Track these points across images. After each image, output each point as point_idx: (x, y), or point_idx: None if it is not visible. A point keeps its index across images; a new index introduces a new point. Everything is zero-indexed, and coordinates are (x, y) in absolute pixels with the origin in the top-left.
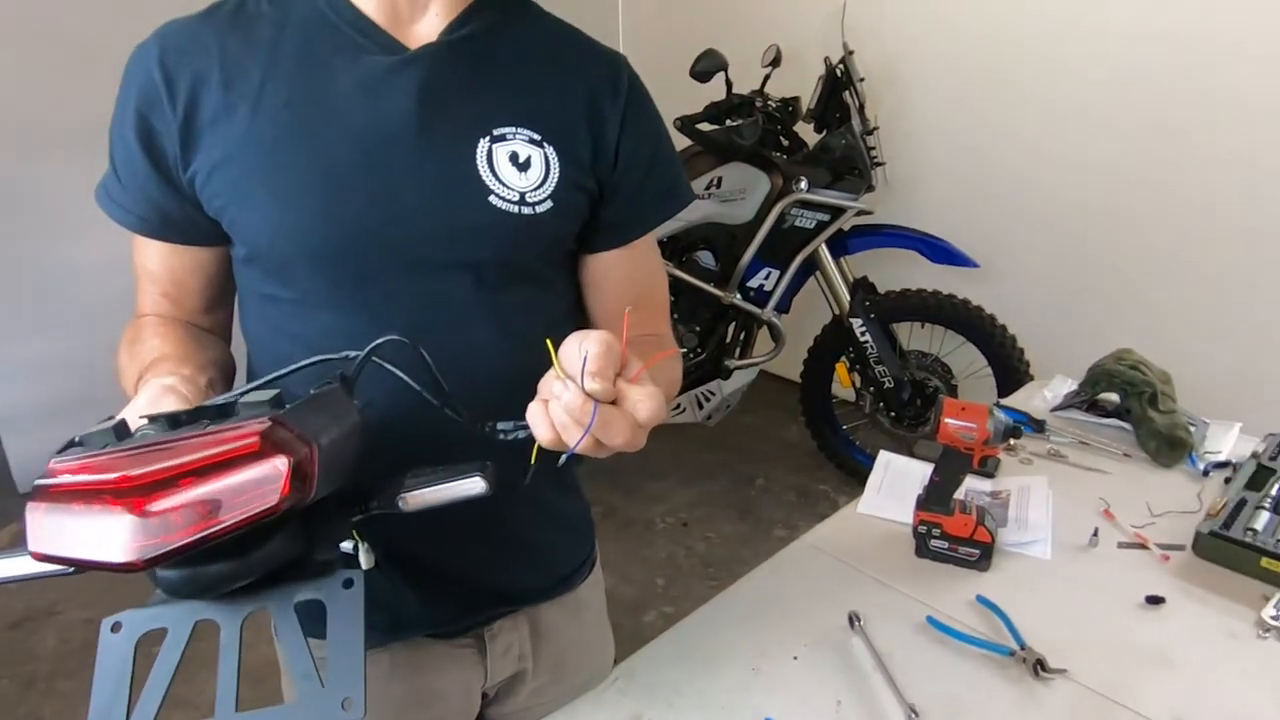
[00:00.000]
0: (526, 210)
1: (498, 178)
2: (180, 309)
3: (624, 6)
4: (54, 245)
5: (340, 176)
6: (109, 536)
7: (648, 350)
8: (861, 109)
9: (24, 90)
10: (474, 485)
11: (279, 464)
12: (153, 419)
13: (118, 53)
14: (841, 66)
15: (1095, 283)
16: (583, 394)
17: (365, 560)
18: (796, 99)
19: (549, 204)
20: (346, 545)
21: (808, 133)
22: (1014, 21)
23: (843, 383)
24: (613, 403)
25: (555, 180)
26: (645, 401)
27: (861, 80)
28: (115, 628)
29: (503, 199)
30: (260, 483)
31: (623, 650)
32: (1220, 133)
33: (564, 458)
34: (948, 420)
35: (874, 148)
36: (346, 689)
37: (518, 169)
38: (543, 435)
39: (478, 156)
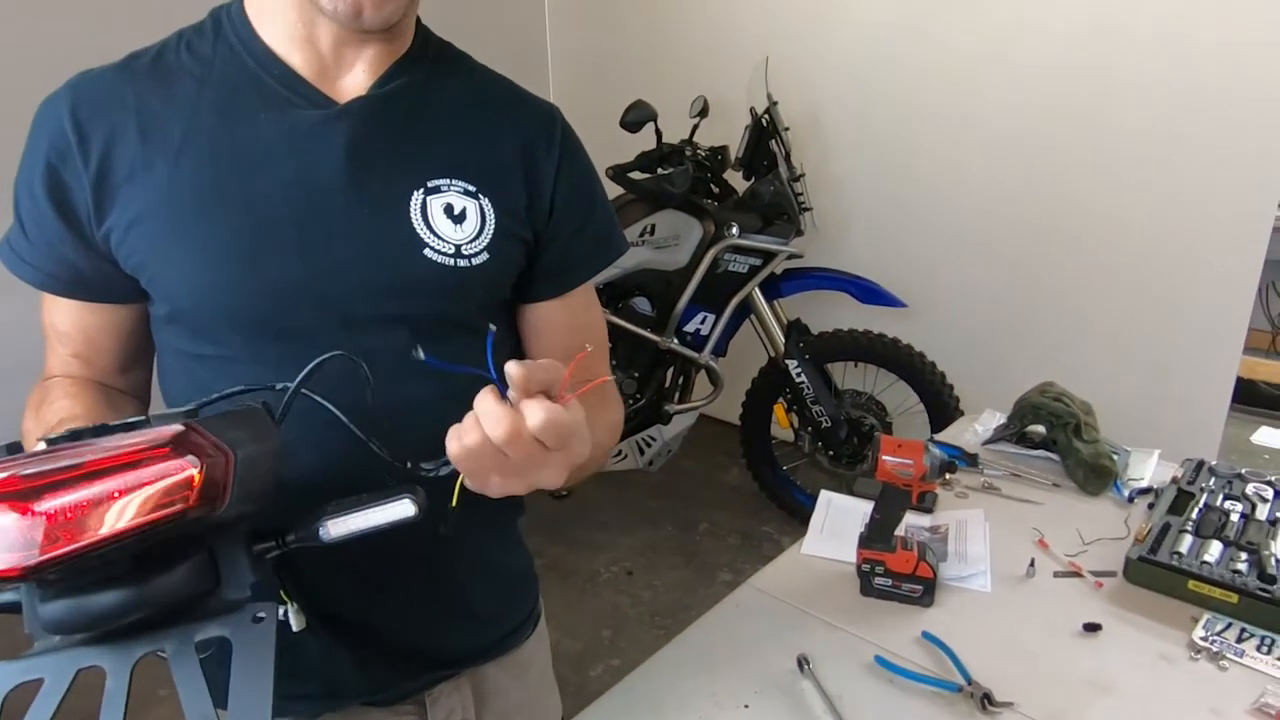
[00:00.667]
0: (462, 262)
1: (432, 230)
2: (93, 369)
3: (554, 58)
4: None
5: (266, 231)
6: (6, 539)
7: (589, 400)
8: (788, 156)
9: None
10: (402, 508)
11: (190, 463)
12: (51, 440)
13: (21, 103)
14: (767, 116)
15: (1017, 318)
16: (490, 397)
17: (295, 622)
18: (725, 148)
19: (485, 255)
20: (281, 611)
21: (737, 180)
22: (926, 72)
23: (781, 423)
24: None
25: (491, 232)
26: (538, 411)
27: (787, 129)
28: None
29: (438, 252)
30: (168, 485)
31: (570, 707)
32: (1125, 171)
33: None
34: (885, 457)
35: (801, 193)
36: None
37: (453, 221)
38: (452, 450)
39: (411, 209)
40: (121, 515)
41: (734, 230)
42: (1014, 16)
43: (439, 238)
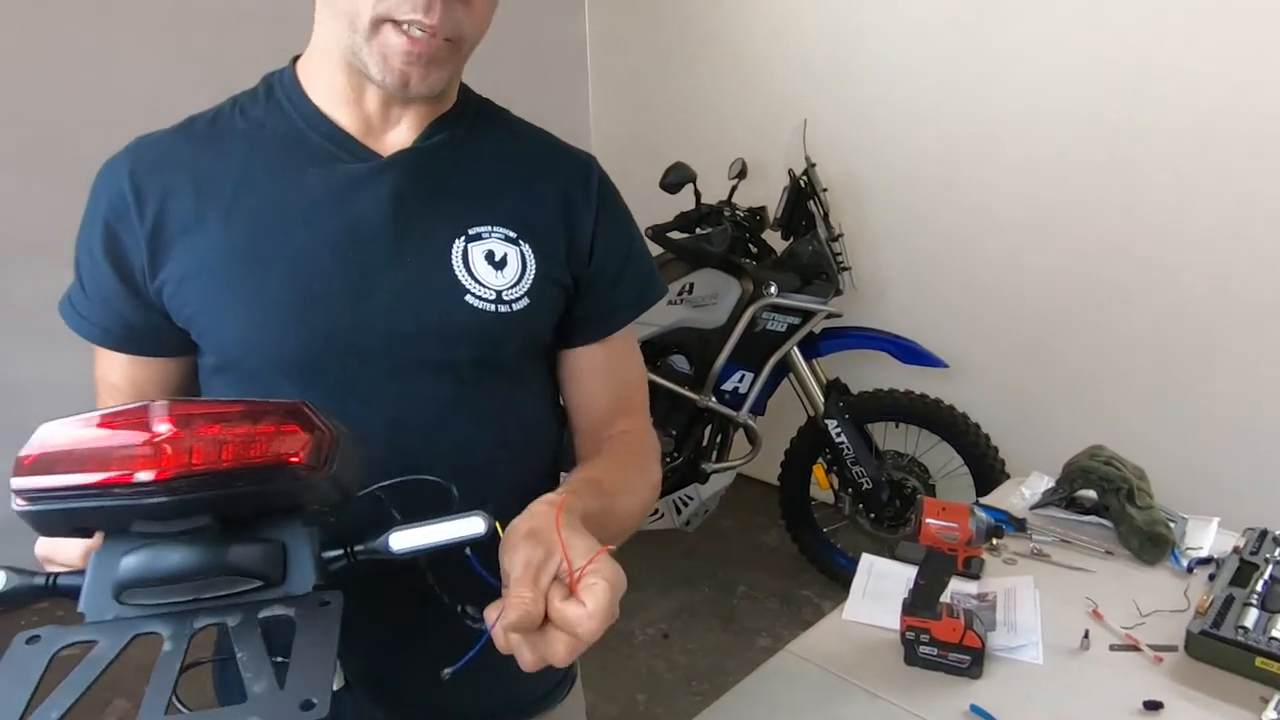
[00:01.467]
0: (503, 308)
1: (474, 276)
2: None
3: (595, 120)
4: (11, 363)
5: (314, 282)
6: (118, 453)
7: (624, 450)
8: (826, 217)
9: None
10: (472, 525)
11: (304, 426)
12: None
13: (76, 168)
14: (805, 178)
15: (1063, 378)
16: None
17: (335, 680)
18: (763, 208)
19: (526, 301)
20: None
21: (775, 240)
22: (962, 130)
23: (821, 484)
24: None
25: (532, 277)
26: (585, 623)
27: (825, 190)
28: (32, 640)
29: (479, 298)
30: (284, 435)
31: None
32: (1185, 223)
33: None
34: (929, 521)
35: (840, 253)
36: (309, 692)
37: (494, 267)
38: (499, 643)
39: (453, 256)
40: (233, 453)
41: (772, 289)
42: (1048, 70)
43: (480, 284)
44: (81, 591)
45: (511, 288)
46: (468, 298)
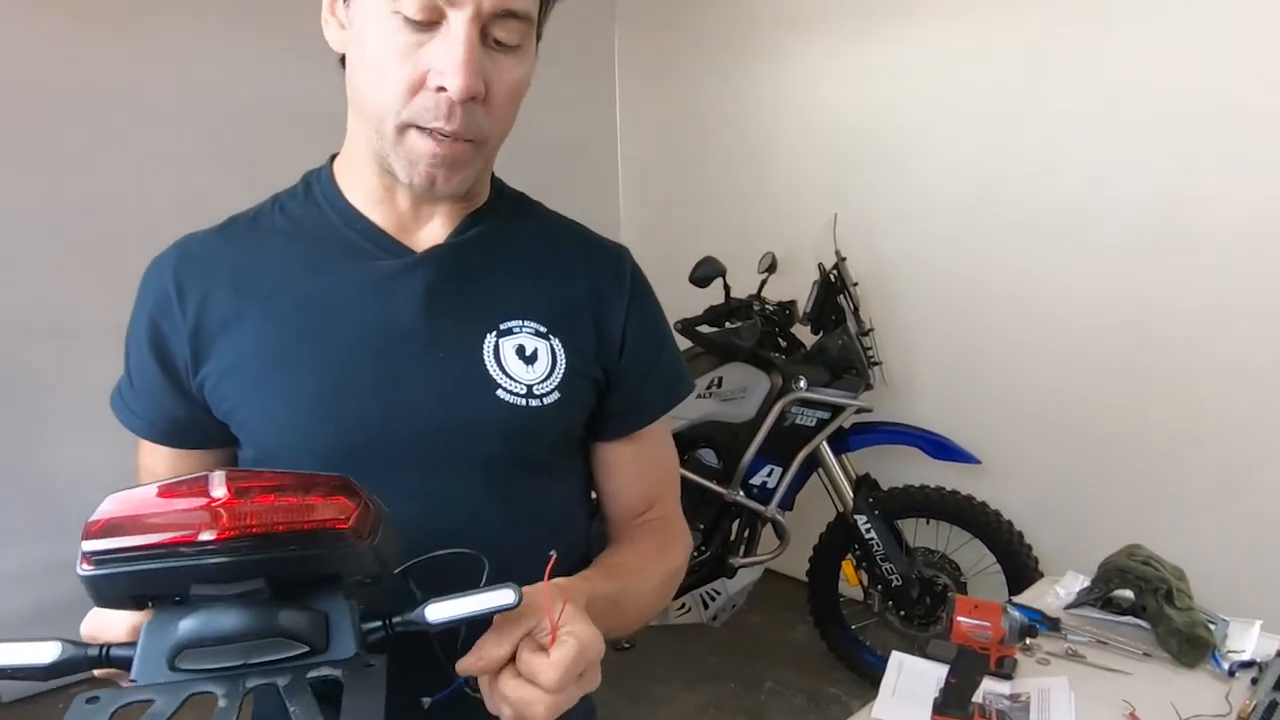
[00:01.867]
0: (534, 402)
1: (505, 371)
2: None
3: (625, 214)
4: (51, 449)
5: (347, 377)
6: (182, 515)
7: (648, 536)
8: (856, 311)
9: (29, 289)
10: (504, 597)
11: (351, 498)
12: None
13: (127, 262)
14: (835, 272)
15: (1098, 475)
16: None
17: None
18: (793, 302)
19: (556, 395)
20: None
21: (805, 334)
22: (994, 226)
23: (850, 581)
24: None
25: (562, 371)
26: (546, 671)
27: (855, 284)
28: (92, 700)
29: (510, 392)
30: (332, 504)
31: None
32: (1232, 315)
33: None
34: (961, 619)
35: (870, 347)
36: None
37: (525, 362)
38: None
39: (485, 351)
40: (288, 517)
41: (802, 383)
42: (1091, 160)
43: (511, 378)
44: (134, 660)
45: (542, 382)
46: (499, 392)
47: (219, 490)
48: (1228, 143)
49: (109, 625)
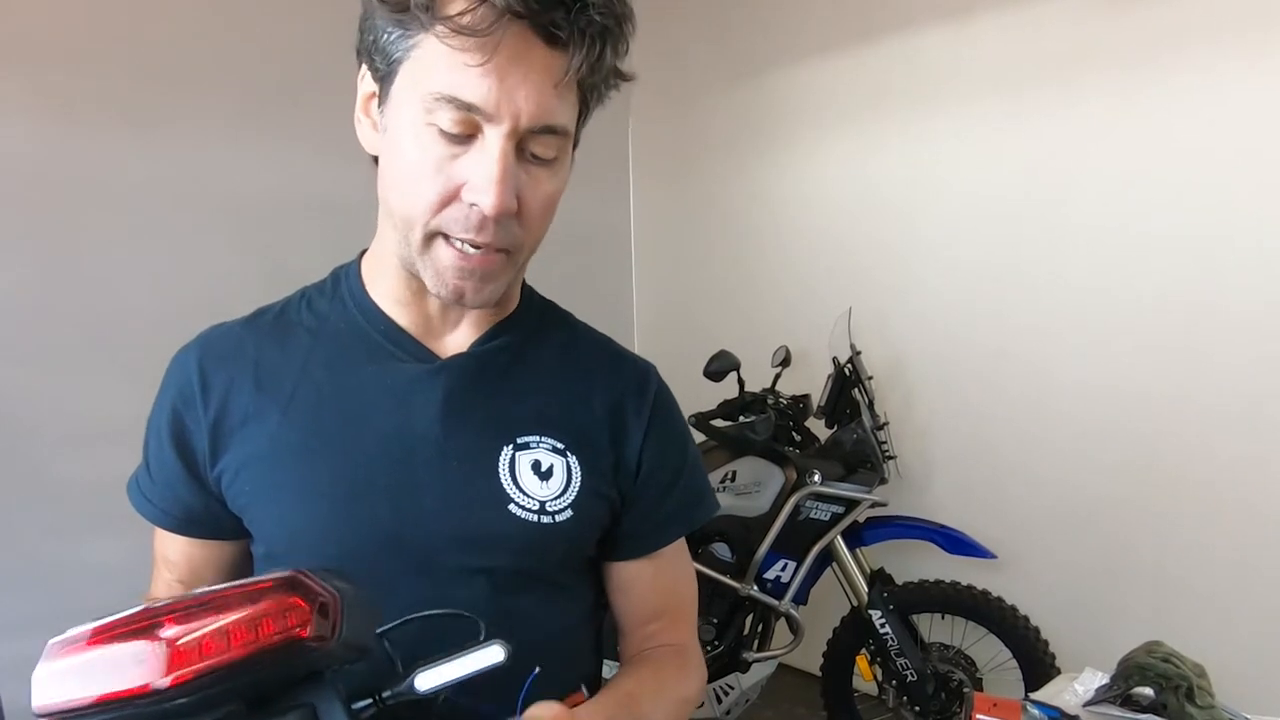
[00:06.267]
0: (546, 519)
1: (519, 486)
2: None
3: (639, 309)
4: (69, 542)
5: (361, 480)
6: (129, 664)
7: (663, 664)
8: (871, 405)
9: (47, 383)
10: (492, 655)
11: (302, 597)
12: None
13: (143, 356)
14: (850, 366)
15: (1116, 571)
16: None
17: None
18: (807, 396)
19: (569, 513)
20: None
21: (819, 428)
22: (1011, 320)
23: (864, 676)
24: None
25: (577, 489)
26: None
27: (870, 378)
28: None
29: (522, 507)
30: (283, 611)
31: None
32: (1257, 412)
33: None
34: (979, 717)
35: (885, 442)
36: None
37: (539, 477)
38: None
39: (500, 464)
40: (241, 640)
41: (816, 478)
42: (1111, 253)
43: (524, 494)
44: None
45: (556, 499)
46: (510, 507)
47: (166, 630)
48: (1244, 236)
49: None
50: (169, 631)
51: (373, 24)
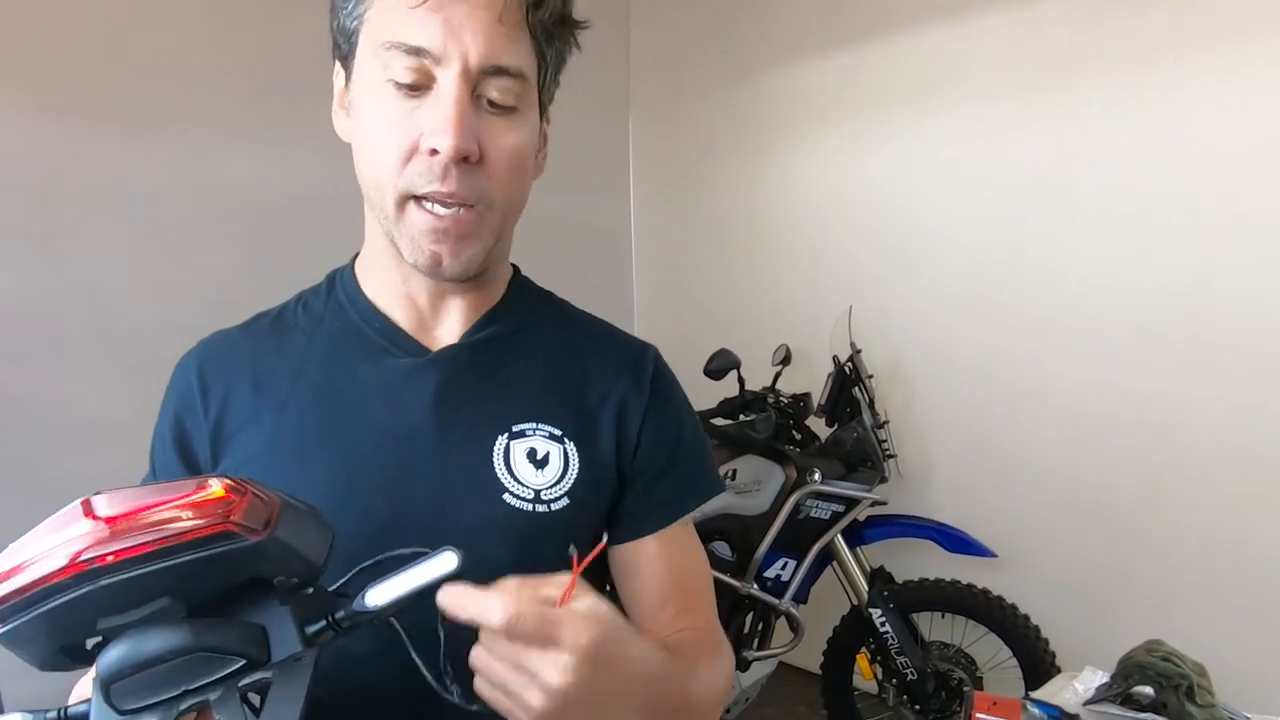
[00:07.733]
0: (541, 508)
1: (513, 475)
2: None
3: (639, 307)
4: None
5: (358, 477)
6: (75, 544)
7: (691, 644)
8: (871, 404)
9: (53, 387)
10: (445, 562)
11: (233, 491)
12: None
13: (144, 356)
14: (850, 364)
15: (1116, 569)
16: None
17: None
18: (807, 395)
19: (565, 501)
20: None
21: (819, 427)
22: (1010, 318)
23: (864, 674)
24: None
25: (574, 477)
26: (566, 627)
27: (870, 377)
28: None
29: (517, 496)
30: (214, 504)
31: None
32: (1260, 408)
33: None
34: (980, 715)
35: (885, 440)
36: None
37: (535, 466)
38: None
39: (495, 454)
40: (179, 521)
41: (816, 476)
42: (1115, 250)
43: (519, 482)
44: (90, 716)
45: (551, 487)
46: (505, 496)
47: (103, 510)
48: (1245, 234)
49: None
50: (105, 511)
51: (334, 4)
